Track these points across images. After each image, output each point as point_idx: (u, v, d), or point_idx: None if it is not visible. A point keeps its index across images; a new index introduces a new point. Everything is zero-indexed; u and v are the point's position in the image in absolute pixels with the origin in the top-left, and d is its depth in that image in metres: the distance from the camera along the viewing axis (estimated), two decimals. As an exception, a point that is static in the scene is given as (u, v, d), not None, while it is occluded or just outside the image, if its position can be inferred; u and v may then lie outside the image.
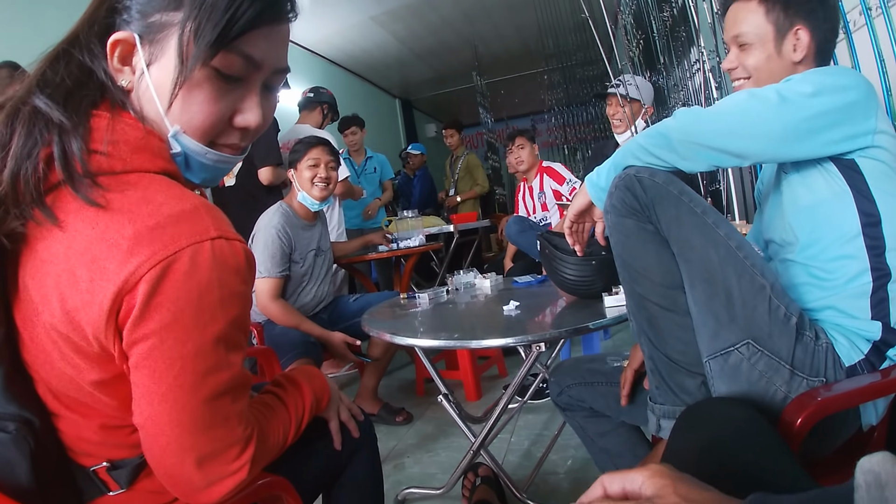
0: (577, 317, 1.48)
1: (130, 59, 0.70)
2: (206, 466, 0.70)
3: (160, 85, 0.69)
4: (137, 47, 0.68)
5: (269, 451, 0.84)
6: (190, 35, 0.65)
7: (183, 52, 0.66)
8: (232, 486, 0.73)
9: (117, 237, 0.62)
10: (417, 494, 1.89)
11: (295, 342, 2.27)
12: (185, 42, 0.66)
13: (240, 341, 0.73)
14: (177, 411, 0.67)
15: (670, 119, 1.04)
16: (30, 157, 0.64)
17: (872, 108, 0.97)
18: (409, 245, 3.57)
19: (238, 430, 0.74)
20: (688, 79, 3.16)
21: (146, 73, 0.69)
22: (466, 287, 2.26)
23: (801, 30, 1.11)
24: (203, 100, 0.70)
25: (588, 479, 1.81)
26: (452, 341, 1.36)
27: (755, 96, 0.98)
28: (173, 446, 0.69)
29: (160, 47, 0.68)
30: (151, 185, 0.67)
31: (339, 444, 1.08)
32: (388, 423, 2.57)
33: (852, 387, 0.90)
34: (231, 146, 0.76)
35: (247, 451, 0.74)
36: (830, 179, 1.00)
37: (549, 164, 3.59)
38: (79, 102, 0.68)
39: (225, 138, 0.75)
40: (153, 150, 0.70)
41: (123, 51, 0.69)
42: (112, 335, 0.63)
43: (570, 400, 1.42)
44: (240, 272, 0.69)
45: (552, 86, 6.52)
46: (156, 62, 0.68)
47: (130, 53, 0.69)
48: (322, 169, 2.49)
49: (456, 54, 7.67)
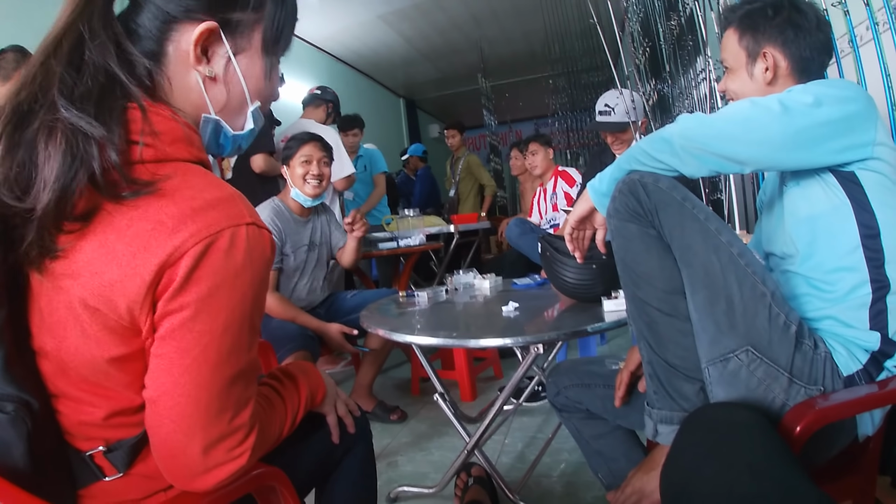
0: (576, 320, 1.48)
1: (207, 49, 0.76)
2: (210, 450, 0.71)
3: (247, 72, 0.79)
4: (224, 39, 0.76)
5: (267, 441, 0.84)
6: (275, 32, 0.80)
7: (268, 46, 0.80)
8: (230, 472, 0.73)
9: (161, 215, 0.65)
10: (410, 493, 1.89)
11: (292, 335, 2.27)
12: (271, 37, 0.80)
13: (258, 327, 0.76)
14: (196, 386, 0.68)
15: (673, 124, 1.05)
16: (75, 177, 0.63)
17: (873, 120, 0.98)
18: (410, 244, 3.57)
19: (245, 415, 0.74)
20: (693, 88, 3.16)
21: (234, 61, 0.77)
22: (466, 287, 2.26)
23: (769, 52, 1.13)
24: (275, 78, 0.85)
25: (581, 483, 1.82)
26: (451, 339, 1.37)
27: (757, 105, 0.98)
28: (186, 423, 0.69)
29: (245, 41, 0.78)
30: (188, 172, 0.71)
31: (338, 437, 1.08)
32: (382, 421, 2.57)
33: (850, 397, 0.91)
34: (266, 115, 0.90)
35: (250, 437, 0.75)
36: (830, 191, 1.00)
37: (564, 169, 3.60)
38: (111, 109, 0.67)
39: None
40: (189, 141, 0.74)
41: (206, 41, 0.75)
42: (147, 307, 0.66)
43: (566, 401, 1.42)
44: (266, 259, 0.73)
45: (557, 90, 6.52)
46: (241, 54, 0.78)
47: (211, 44, 0.76)
48: (314, 166, 2.47)
49: (462, 56, 7.69)
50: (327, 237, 2.73)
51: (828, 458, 1.00)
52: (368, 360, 2.60)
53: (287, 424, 0.92)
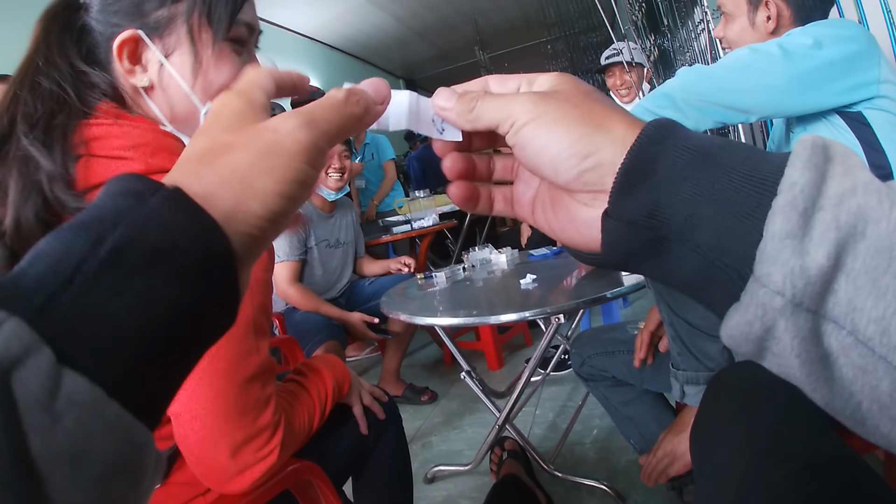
0: (595, 286, 1.47)
1: (140, 56, 0.73)
2: (238, 453, 0.72)
3: (183, 71, 0.73)
4: (148, 44, 0.72)
5: (296, 436, 0.85)
6: (202, 20, 0.71)
7: (196, 37, 0.72)
8: (262, 471, 0.75)
9: None
10: (446, 472, 1.92)
11: (319, 326, 2.29)
12: (197, 28, 0.72)
13: (266, 328, 0.77)
14: (212, 397, 0.69)
15: (673, 79, 1.03)
16: (27, 202, 0.64)
17: (875, 57, 0.96)
18: (423, 225, 3.57)
19: (268, 414, 0.76)
20: (693, 40, 3.10)
21: (166, 63, 0.72)
22: (482, 263, 2.26)
23: (772, 1, 1.10)
24: (226, 69, 0.75)
25: (614, 448, 1.83)
26: (471, 318, 1.37)
27: (757, 51, 0.96)
28: (208, 432, 0.70)
29: (174, 38, 0.72)
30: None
31: (365, 427, 1.10)
32: (413, 403, 2.60)
33: None
34: None
35: (276, 435, 0.76)
36: (838, 134, 0.98)
37: None
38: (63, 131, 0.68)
39: None
40: (170, 149, 0.72)
41: (131, 50, 0.72)
42: None
43: (592, 370, 1.42)
44: (261, 260, 0.73)
45: (556, 55, 6.41)
46: (173, 53, 0.73)
47: (138, 51, 0.73)
48: (336, 159, 2.48)
49: (457, 30, 7.59)
50: (353, 238, 2.74)
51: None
52: (393, 345, 2.62)
53: (316, 416, 0.93)
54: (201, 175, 0.28)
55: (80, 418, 0.21)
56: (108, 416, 0.22)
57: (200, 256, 0.25)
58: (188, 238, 0.25)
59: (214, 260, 0.26)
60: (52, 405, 0.20)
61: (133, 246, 0.24)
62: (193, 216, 0.26)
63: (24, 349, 0.20)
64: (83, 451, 0.21)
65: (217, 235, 0.26)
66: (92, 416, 0.21)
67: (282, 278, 2.38)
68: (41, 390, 0.20)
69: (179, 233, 0.25)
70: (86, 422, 0.21)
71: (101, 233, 0.24)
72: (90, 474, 0.21)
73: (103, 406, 0.21)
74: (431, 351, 3.42)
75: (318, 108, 0.31)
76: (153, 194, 0.25)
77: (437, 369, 3.10)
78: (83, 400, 0.21)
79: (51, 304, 0.22)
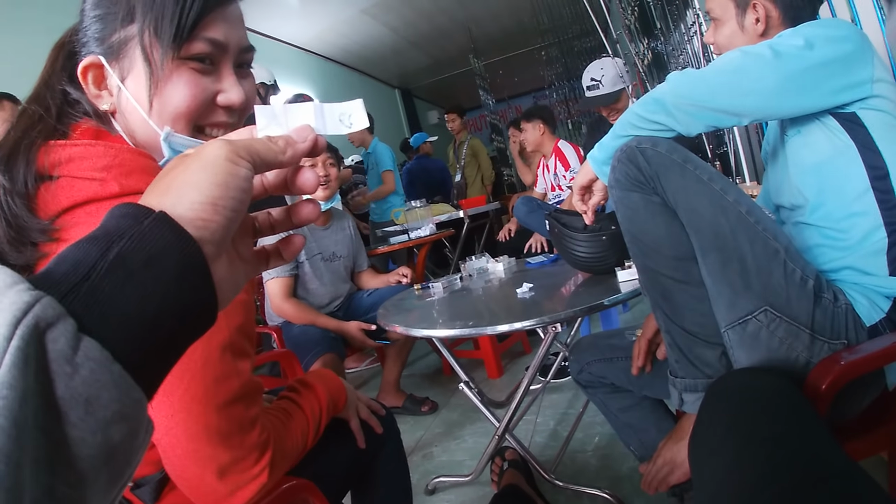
0: (592, 294, 1.47)
1: (104, 82, 0.72)
2: (226, 475, 0.72)
3: (139, 93, 0.70)
4: (107, 68, 0.71)
5: (288, 454, 0.84)
6: (151, 38, 0.68)
7: (149, 55, 0.68)
8: (254, 491, 0.75)
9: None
10: (447, 483, 1.90)
11: (316, 339, 2.28)
12: (149, 46, 0.68)
13: (246, 349, 0.75)
14: (191, 423, 0.69)
15: (664, 84, 1.03)
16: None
17: (868, 56, 0.95)
18: (420, 235, 3.56)
19: (254, 435, 0.75)
20: (686, 42, 3.10)
21: (122, 87, 0.71)
22: (480, 272, 2.25)
23: (759, 2, 1.10)
24: (182, 87, 0.70)
25: (616, 456, 1.81)
26: (468, 329, 1.36)
27: (748, 53, 0.96)
28: (192, 458, 0.70)
29: (129, 61, 0.70)
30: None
31: (363, 442, 1.09)
32: (413, 414, 2.58)
33: (876, 348, 0.87)
34: (220, 124, 0.76)
35: (265, 455, 0.76)
36: (832, 135, 0.97)
37: (563, 145, 3.56)
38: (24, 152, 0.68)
39: (211, 118, 0.75)
40: (145, 170, 0.71)
41: (95, 75, 0.72)
42: None
43: (590, 377, 1.41)
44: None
45: (550, 61, 6.44)
46: (129, 75, 0.70)
47: (102, 76, 0.72)
48: (320, 167, 2.46)
49: (451, 39, 7.62)
50: (351, 253, 2.72)
51: (858, 410, 0.98)
52: (392, 356, 2.60)
53: (311, 433, 0.93)
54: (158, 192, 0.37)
55: (93, 370, 0.29)
56: (114, 372, 0.29)
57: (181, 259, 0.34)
58: (172, 248, 0.34)
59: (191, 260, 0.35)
60: (74, 358, 0.28)
61: (132, 253, 0.32)
62: (175, 233, 0.34)
63: (56, 316, 0.28)
64: (94, 396, 0.28)
65: (191, 243, 0.35)
66: (102, 370, 0.29)
67: (275, 294, 2.37)
68: (66, 346, 0.28)
69: (166, 243, 0.34)
70: (97, 373, 0.29)
71: (109, 243, 0.32)
72: (98, 416, 0.28)
73: (110, 364, 0.29)
74: (431, 361, 3.40)
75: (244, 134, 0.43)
76: (146, 217, 0.34)
77: (437, 379, 3.09)
78: (96, 357, 0.29)
79: (73, 292, 0.30)
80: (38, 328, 0.27)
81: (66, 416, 0.27)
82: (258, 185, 0.44)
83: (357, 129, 0.47)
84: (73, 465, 0.28)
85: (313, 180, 0.45)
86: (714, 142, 2.75)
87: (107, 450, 0.29)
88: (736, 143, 2.66)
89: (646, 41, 3.68)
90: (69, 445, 0.27)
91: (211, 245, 0.36)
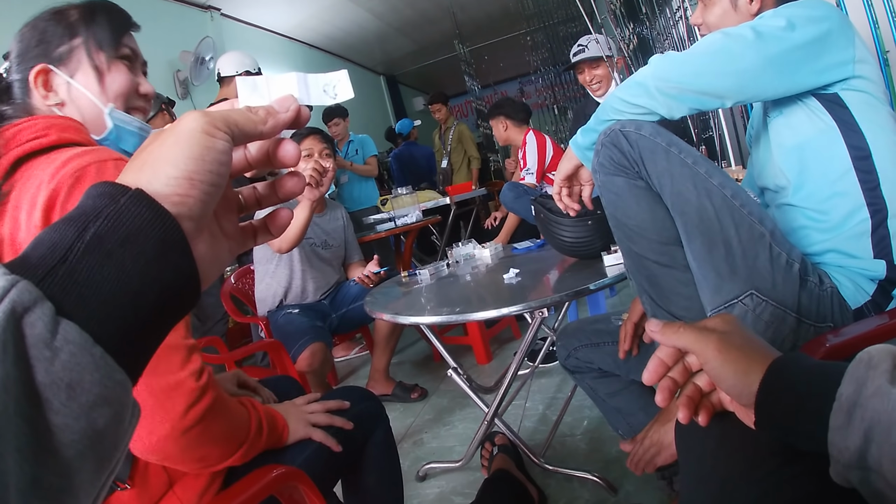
0: (578, 278, 1.47)
1: (50, 83, 0.95)
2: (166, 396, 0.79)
3: (88, 84, 0.96)
4: (55, 71, 0.95)
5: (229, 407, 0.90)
6: (94, 46, 0.96)
7: (93, 57, 0.96)
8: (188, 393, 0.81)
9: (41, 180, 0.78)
10: (438, 469, 1.91)
11: (304, 329, 2.27)
12: (94, 52, 0.96)
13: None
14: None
15: (646, 67, 1.02)
16: None
17: (849, 36, 0.95)
18: (407, 222, 3.55)
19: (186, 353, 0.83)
20: (671, 27, 3.10)
21: (71, 81, 0.95)
22: (466, 259, 2.25)
23: None
24: (120, 76, 0.99)
25: (605, 439, 1.83)
26: (454, 315, 1.36)
27: (729, 35, 0.95)
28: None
29: (75, 63, 0.96)
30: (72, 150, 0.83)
31: (336, 445, 1.07)
32: (403, 401, 2.59)
33: (861, 330, 0.88)
34: (140, 108, 1.05)
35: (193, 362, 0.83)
36: (815, 116, 0.98)
37: (529, 138, 3.46)
38: None
39: (135, 102, 1.03)
40: (75, 128, 0.91)
41: (44, 80, 0.94)
42: None
43: (578, 362, 1.42)
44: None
45: (536, 46, 6.41)
46: (76, 74, 0.96)
47: (49, 80, 0.95)
48: (317, 158, 2.46)
49: (436, 24, 7.56)
50: (342, 243, 2.73)
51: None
52: (381, 344, 2.60)
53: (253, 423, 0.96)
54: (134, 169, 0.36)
55: (73, 353, 0.28)
56: (95, 355, 0.29)
57: (160, 237, 0.33)
58: (150, 225, 0.33)
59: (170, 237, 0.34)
60: (52, 342, 0.28)
61: (109, 233, 0.32)
62: (153, 210, 0.33)
63: (33, 300, 0.28)
64: (76, 380, 0.28)
65: (169, 219, 0.34)
66: (82, 352, 0.28)
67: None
68: (45, 330, 0.27)
69: (143, 221, 0.33)
70: (77, 356, 0.28)
71: (86, 224, 0.31)
72: (81, 401, 0.28)
73: (90, 347, 0.29)
74: (420, 348, 3.41)
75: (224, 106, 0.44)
76: (122, 195, 0.33)
77: (426, 366, 3.10)
78: (75, 339, 0.28)
79: (50, 275, 0.30)
80: (15, 313, 0.27)
81: (49, 403, 0.27)
82: (241, 160, 0.43)
83: (342, 99, 0.47)
84: (57, 453, 0.27)
85: (293, 152, 0.43)
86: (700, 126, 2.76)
87: (92, 435, 0.29)
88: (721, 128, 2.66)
89: (631, 26, 3.67)
90: (53, 432, 0.27)
91: (189, 221, 0.35)
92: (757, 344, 0.58)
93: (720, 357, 0.56)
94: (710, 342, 0.57)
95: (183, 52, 4.63)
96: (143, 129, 1.03)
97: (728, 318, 0.60)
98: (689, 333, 0.58)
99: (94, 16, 0.98)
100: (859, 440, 0.44)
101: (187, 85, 4.74)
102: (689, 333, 0.58)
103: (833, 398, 0.47)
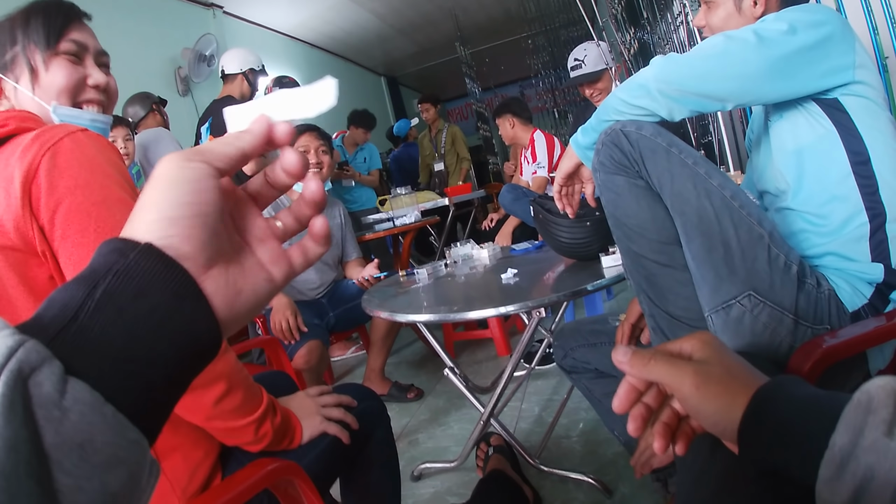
0: (576, 279, 1.47)
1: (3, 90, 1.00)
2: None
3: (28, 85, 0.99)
4: (4, 79, 1.00)
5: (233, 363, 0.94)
6: (32, 48, 0.98)
7: (30, 60, 0.98)
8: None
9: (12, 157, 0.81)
10: (433, 469, 1.91)
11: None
12: (30, 54, 0.98)
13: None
14: None
15: (648, 68, 1.02)
16: None
17: (850, 41, 0.95)
18: (405, 222, 3.55)
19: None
20: (672, 32, 3.11)
21: (17, 87, 0.99)
22: (465, 259, 2.25)
23: None
24: (59, 72, 1.00)
25: (601, 441, 1.83)
26: (451, 314, 1.36)
27: (732, 38, 0.96)
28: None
29: (20, 69, 0.99)
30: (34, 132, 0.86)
31: (347, 438, 1.08)
32: (399, 401, 2.58)
33: (858, 332, 0.87)
34: (92, 100, 1.05)
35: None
36: (815, 121, 0.98)
37: (537, 136, 3.53)
38: None
39: (85, 95, 1.04)
40: (34, 119, 0.94)
41: None
42: (29, 219, 0.80)
43: (574, 363, 1.42)
44: (113, 148, 0.90)
45: (537, 50, 6.42)
46: (21, 78, 0.99)
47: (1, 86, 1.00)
48: (312, 155, 2.47)
49: (437, 26, 7.57)
50: (339, 241, 2.73)
51: (841, 395, 0.99)
52: (377, 344, 2.60)
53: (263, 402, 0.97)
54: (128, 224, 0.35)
55: (83, 413, 0.27)
56: (107, 414, 0.28)
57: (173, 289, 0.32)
58: (161, 280, 0.32)
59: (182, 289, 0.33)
60: (62, 402, 0.27)
61: (120, 290, 0.31)
62: (164, 263, 0.33)
63: (41, 360, 0.27)
64: (87, 440, 0.27)
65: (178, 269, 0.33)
66: (93, 412, 0.27)
67: None
68: (53, 390, 0.27)
69: (155, 277, 0.32)
70: (88, 416, 0.27)
71: (96, 282, 0.31)
72: (94, 462, 0.27)
73: (101, 406, 0.28)
74: (417, 348, 3.41)
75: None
76: (132, 250, 0.32)
77: (422, 366, 3.09)
78: (85, 398, 0.27)
79: (61, 335, 0.29)
80: (22, 373, 0.26)
81: (60, 464, 0.26)
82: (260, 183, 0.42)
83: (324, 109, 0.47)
84: None
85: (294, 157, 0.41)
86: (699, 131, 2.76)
87: (106, 497, 0.28)
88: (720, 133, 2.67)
89: (632, 30, 3.68)
90: (65, 494, 0.26)
91: (188, 261, 0.34)
92: (738, 370, 0.54)
93: (698, 394, 0.52)
94: (686, 377, 0.53)
95: (184, 49, 4.63)
96: (94, 121, 1.03)
97: (705, 339, 0.56)
98: (661, 366, 0.54)
99: (29, 18, 1.00)
100: (849, 495, 0.41)
101: (188, 82, 4.74)
102: (662, 366, 0.54)
103: (824, 444, 0.44)
